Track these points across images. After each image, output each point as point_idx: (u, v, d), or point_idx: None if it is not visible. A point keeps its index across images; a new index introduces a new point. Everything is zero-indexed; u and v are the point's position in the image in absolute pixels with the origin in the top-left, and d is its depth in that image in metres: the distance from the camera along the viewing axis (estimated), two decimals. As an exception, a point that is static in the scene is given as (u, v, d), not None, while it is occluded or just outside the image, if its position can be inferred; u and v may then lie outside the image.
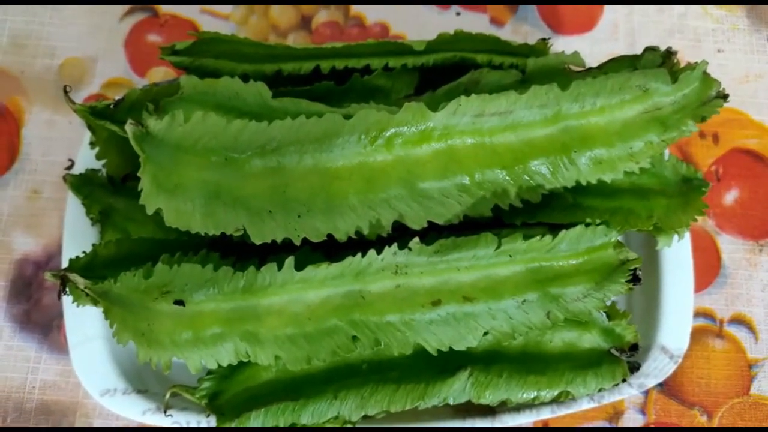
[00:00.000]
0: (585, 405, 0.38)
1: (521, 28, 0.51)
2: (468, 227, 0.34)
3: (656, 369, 0.40)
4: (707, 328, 0.46)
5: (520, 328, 0.33)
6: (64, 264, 0.40)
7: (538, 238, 0.33)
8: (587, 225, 0.34)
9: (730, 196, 0.49)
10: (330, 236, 0.32)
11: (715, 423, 0.44)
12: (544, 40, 0.42)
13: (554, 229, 0.35)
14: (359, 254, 0.32)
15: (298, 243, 0.32)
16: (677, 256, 0.41)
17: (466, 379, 0.35)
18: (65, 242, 0.40)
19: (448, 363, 0.35)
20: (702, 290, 0.47)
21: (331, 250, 0.34)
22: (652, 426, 0.44)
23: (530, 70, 0.40)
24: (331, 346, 0.32)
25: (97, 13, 0.50)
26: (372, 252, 0.32)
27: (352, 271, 0.32)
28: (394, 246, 0.32)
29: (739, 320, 0.46)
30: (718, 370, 0.45)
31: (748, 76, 0.51)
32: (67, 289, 0.34)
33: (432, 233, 0.34)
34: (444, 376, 0.35)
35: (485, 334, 0.33)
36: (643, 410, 0.45)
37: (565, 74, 0.40)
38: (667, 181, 0.38)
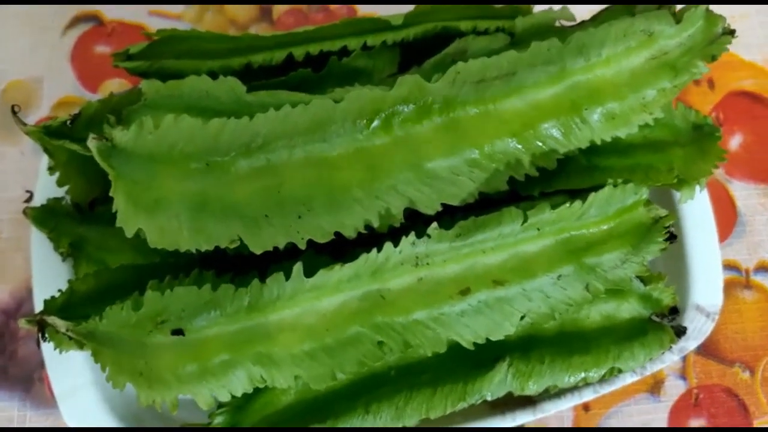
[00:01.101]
0: (628, 379, 0.35)
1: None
2: (484, 206, 0.32)
3: (695, 330, 0.37)
4: (734, 280, 0.44)
5: (559, 306, 0.30)
6: (38, 307, 0.36)
7: (567, 205, 0.30)
8: (615, 186, 0.31)
9: (735, 141, 0.47)
10: (337, 235, 0.29)
11: (758, 377, 0.42)
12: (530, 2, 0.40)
13: (575, 195, 0.33)
14: (374, 250, 0.29)
15: (303, 246, 0.29)
16: (697, 209, 0.39)
17: (506, 371, 0.32)
18: (35, 283, 0.36)
19: (483, 356, 0.32)
20: (722, 242, 0.45)
21: (339, 250, 0.31)
22: (695, 390, 0.42)
23: (519, 31, 0.38)
24: (355, 356, 0.29)
25: (36, 29, 0.47)
26: (388, 245, 0.29)
27: (368, 269, 0.29)
28: (412, 235, 0.29)
29: (765, 268, 0.44)
30: (752, 323, 0.43)
31: (733, 16, 0.49)
32: (47, 335, 0.30)
33: (446, 217, 0.31)
34: (482, 370, 0.32)
35: (522, 318, 0.30)
36: (683, 375, 0.42)
37: (557, 32, 0.38)
38: (679, 131, 0.36)
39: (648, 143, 0.35)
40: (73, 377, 0.36)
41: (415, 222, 0.30)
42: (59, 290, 0.31)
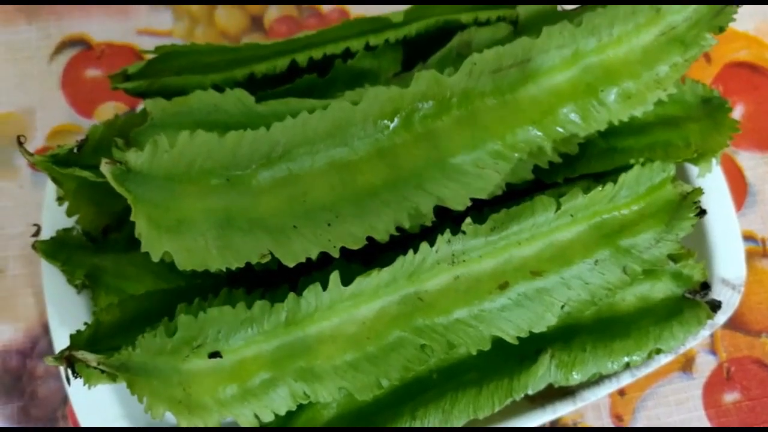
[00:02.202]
0: (663, 360, 0.35)
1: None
2: (511, 197, 0.31)
3: (723, 304, 0.37)
4: (752, 250, 0.44)
5: (599, 292, 0.30)
6: (57, 345, 0.35)
7: (599, 188, 0.29)
8: (642, 165, 0.31)
9: (737, 113, 0.47)
10: (369, 240, 0.28)
11: (787, 345, 0.42)
12: None
13: (598, 178, 0.33)
14: (410, 251, 0.28)
15: (336, 254, 0.28)
16: (712, 183, 0.39)
17: (549, 362, 0.31)
18: (51, 319, 0.35)
19: (524, 349, 0.31)
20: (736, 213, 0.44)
21: (369, 256, 0.30)
22: (725, 364, 0.42)
23: (523, 18, 0.38)
24: (400, 361, 0.28)
25: (21, 58, 0.45)
26: (424, 245, 0.28)
27: (405, 272, 0.28)
28: (447, 233, 0.28)
29: (781, 235, 0.44)
30: (775, 291, 0.43)
31: (721, -12, 0.49)
32: (76, 371, 0.29)
33: (474, 212, 0.30)
34: (525, 364, 0.31)
35: (563, 307, 0.30)
36: (713, 350, 0.42)
37: (561, 16, 0.37)
38: (690, 105, 0.36)
39: (662, 120, 0.35)
40: (102, 412, 0.34)
41: (443, 220, 0.30)
42: (84, 323, 0.30)
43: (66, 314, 0.35)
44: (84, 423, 0.34)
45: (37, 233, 0.36)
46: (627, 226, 0.31)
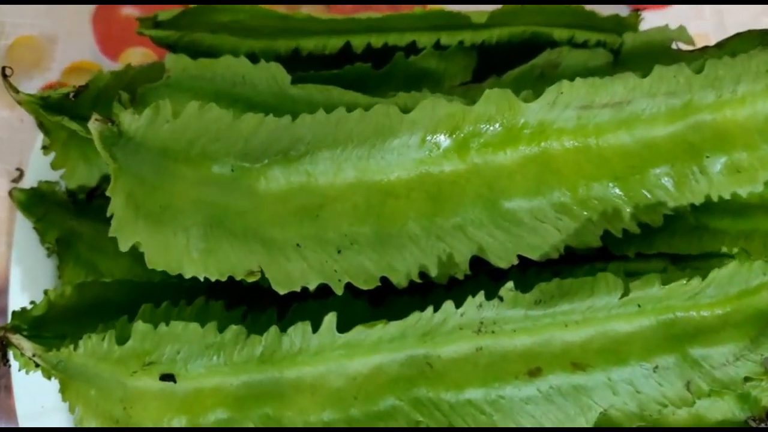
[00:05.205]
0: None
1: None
2: (565, 261, 0.27)
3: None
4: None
5: (650, 406, 0.25)
6: (12, 311, 0.31)
7: (682, 282, 0.24)
8: (741, 262, 0.25)
9: None
10: (383, 279, 0.24)
11: None
12: (636, 11, 0.35)
13: (677, 261, 0.29)
14: (430, 308, 0.23)
15: (339, 291, 0.24)
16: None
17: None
18: (12, 282, 0.32)
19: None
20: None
21: (379, 295, 0.26)
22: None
23: (627, 49, 0.33)
24: (386, 436, 0.23)
25: (57, -22, 0.42)
26: (449, 305, 0.23)
27: (418, 330, 0.23)
28: (480, 296, 0.23)
29: None
30: None
31: None
32: (11, 355, 0.25)
33: (515, 270, 0.26)
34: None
35: (602, 414, 0.24)
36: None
37: (671, 55, 0.33)
38: None
39: (766, 205, 0.30)
40: (42, 398, 0.30)
41: (476, 271, 0.25)
42: (44, 293, 0.26)
43: (30, 277, 0.32)
44: (19, 406, 0.30)
45: (18, 178, 0.32)
46: (703, 332, 0.25)
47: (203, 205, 0.24)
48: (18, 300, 0.31)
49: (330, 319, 0.23)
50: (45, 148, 0.29)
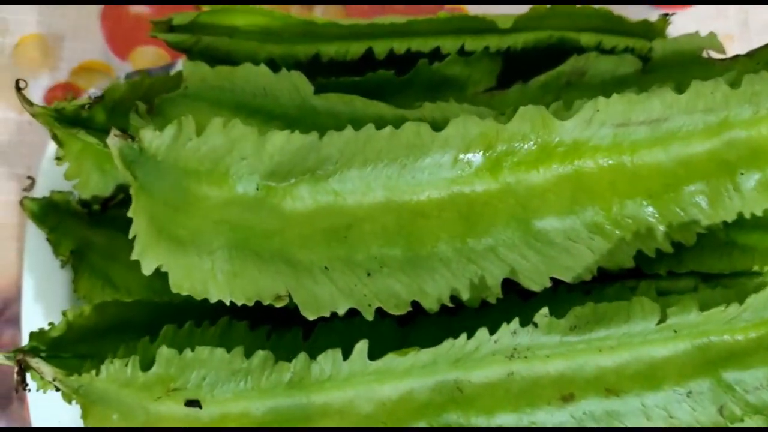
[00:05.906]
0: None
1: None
2: (594, 278, 0.26)
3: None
4: None
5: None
6: (25, 321, 0.31)
7: (721, 308, 0.23)
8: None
9: None
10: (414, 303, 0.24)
11: None
12: (665, 15, 0.34)
13: (708, 279, 0.28)
14: (463, 336, 0.23)
15: (370, 317, 0.23)
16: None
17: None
18: (25, 291, 0.31)
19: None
20: None
21: (408, 315, 0.25)
22: None
23: (657, 57, 0.32)
24: (415, 463, 0.23)
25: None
26: (482, 332, 0.23)
27: (451, 357, 0.23)
28: (515, 323, 0.23)
29: None
30: None
31: None
32: (29, 378, 0.25)
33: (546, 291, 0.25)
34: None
35: None
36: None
37: (702, 63, 0.33)
38: None
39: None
40: (58, 414, 0.30)
41: (505, 290, 0.25)
42: (62, 314, 0.26)
43: (43, 289, 0.31)
44: (35, 419, 0.30)
45: (29, 187, 0.31)
46: (737, 356, 0.25)
47: (228, 226, 0.23)
48: (31, 310, 0.31)
49: (361, 347, 0.22)
50: (58, 159, 0.28)
